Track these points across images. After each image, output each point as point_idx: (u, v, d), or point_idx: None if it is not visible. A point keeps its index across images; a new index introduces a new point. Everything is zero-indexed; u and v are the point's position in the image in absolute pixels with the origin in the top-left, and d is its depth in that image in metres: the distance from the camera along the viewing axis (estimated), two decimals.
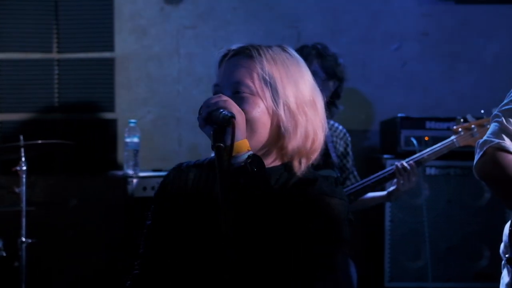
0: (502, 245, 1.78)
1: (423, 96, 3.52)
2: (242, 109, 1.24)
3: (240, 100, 1.27)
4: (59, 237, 3.39)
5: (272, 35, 3.57)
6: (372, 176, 2.45)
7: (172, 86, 3.51)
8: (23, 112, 3.56)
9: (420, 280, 2.95)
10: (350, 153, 2.62)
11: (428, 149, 2.44)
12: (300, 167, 1.30)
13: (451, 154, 2.98)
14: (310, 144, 1.30)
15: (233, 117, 1.16)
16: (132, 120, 3.12)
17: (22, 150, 2.89)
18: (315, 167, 2.41)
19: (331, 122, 2.63)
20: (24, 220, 2.88)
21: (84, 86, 3.57)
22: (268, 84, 1.28)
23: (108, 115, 3.56)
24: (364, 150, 3.47)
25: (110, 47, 3.55)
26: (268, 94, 1.28)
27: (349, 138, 2.64)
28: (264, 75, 1.29)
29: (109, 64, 3.56)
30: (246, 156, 1.18)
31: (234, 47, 1.34)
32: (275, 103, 1.27)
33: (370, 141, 3.50)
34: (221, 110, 1.18)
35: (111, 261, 3.10)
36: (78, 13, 3.56)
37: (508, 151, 1.67)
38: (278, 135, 1.28)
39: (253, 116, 1.25)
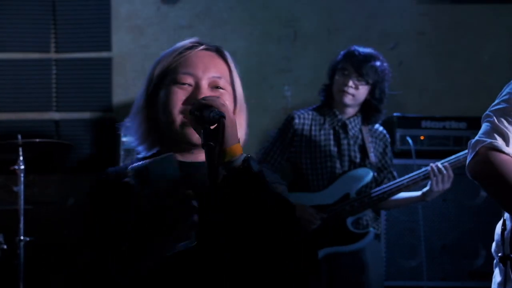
0: (494, 244, 1.80)
1: (419, 95, 3.52)
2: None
3: (219, 95, 1.28)
4: (56, 235, 3.40)
5: (268, 35, 3.58)
6: (406, 177, 2.51)
7: None
8: (21, 111, 3.57)
9: (416, 278, 2.95)
10: (389, 154, 2.66)
11: (463, 152, 2.45)
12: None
13: (446, 153, 3.00)
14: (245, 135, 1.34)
15: (223, 117, 1.15)
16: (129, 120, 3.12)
17: (20, 149, 2.90)
18: (351, 165, 2.49)
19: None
20: (22, 218, 2.90)
21: (81, 86, 3.58)
22: (232, 83, 1.33)
23: (106, 114, 3.57)
24: None
25: (107, 46, 3.56)
26: (231, 92, 1.33)
27: (389, 140, 2.68)
28: (231, 74, 1.33)
29: (107, 63, 3.57)
30: (242, 158, 1.18)
31: (197, 40, 1.36)
32: (234, 101, 1.33)
33: None
34: (212, 110, 1.17)
35: None
36: (76, 13, 3.57)
37: (500, 151, 1.68)
38: None
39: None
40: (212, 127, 1.16)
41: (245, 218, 1.18)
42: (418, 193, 2.52)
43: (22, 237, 2.88)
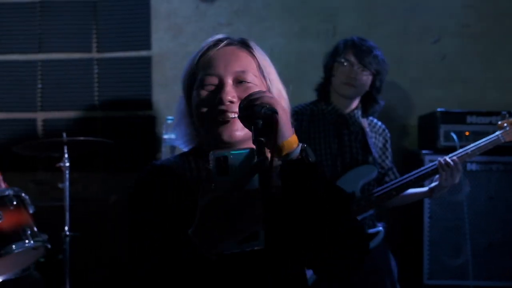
0: None
1: (463, 90, 3.43)
2: None
3: (246, 90, 1.26)
4: (100, 231, 3.47)
5: (307, 30, 3.55)
6: (414, 172, 2.41)
7: None
8: (65, 110, 3.66)
9: (460, 278, 2.88)
10: (389, 149, 2.59)
11: (471, 145, 2.39)
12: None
13: (493, 149, 2.91)
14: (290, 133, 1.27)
15: (275, 112, 1.13)
16: (170, 117, 3.16)
17: (65, 147, 2.97)
18: (354, 162, 2.41)
19: (370, 118, 2.59)
20: (67, 214, 2.97)
21: (122, 85, 3.64)
22: (263, 74, 1.31)
23: (146, 113, 3.62)
24: (403, 145, 3.42)
25: (147, 45, 3.61)
26: (264, 83, 1.31)
27: (388, 135, 2.61)
28: (261, 64, 1.30)
29: (146, 62, 3.61)
30: (299, 149, 1.17)
31: (221, 37, 1.34)
32: (270, 92, 1.28)
33: (409, 136, 3.44)
34: (264, 106, 1.15)
35: None
36: (116, 14, 3.63)
37: None
38: None
39: None
40: (263, 124, 1.14)
41: (305, 208, 1.16)
42: (425, 188, 2.43)
43: (67, 232, 2.95)
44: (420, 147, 3.21)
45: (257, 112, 1.14)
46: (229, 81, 1.28)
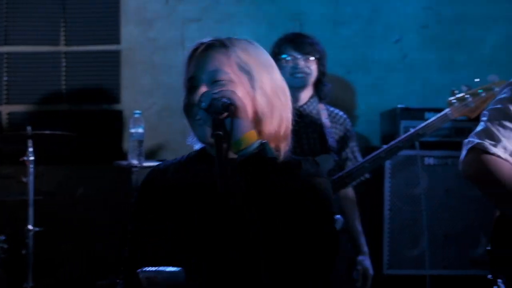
0: None
1: (422, 87, 3.57)
2: None
3: (219, 87, 1.28)
4: (65, 226, 3.47)
5: (275, 28, 3.61)
6: (366, 158, 2.49)
7: (177, 78, 3.53)
8: (31, 103, 3.64)
9: (418, 267, 3.01)
10: (352, 137, 2.62)
11: (422, 124, 2.47)
12: (281, 151, 1.32)
13: (450, 144, 3.06)
14: (284, 129, 1.32)
15: (232, 104, 1.18)
16: (137, 111, 3.19)
17: (30, 140, 2.96)
18: (311, 152, 2.46)
19: (331, 108, 2.63)
20: (31, 209, 2.96)
21: (90, 78, 3.64)
22: (244, 71, 1.31)
23: (114, 107, 3.63)
24: (365, 140, 3.53)
25: (116, 39, 3.62)
26: (245, 80, 1.30)
27: (350, 124, 2.64)
28: (240, 62, 1.31)
29: (115, 56, 3.62)
30: (257, 144, 1.20)
31: (205, 40, 1.36)
32: (252, 88, 1.30)
33: (371, 131, 3.56)
34: (222, 99, 1.20)
35: (115, 249, 3.17)
36: (85, 7, 3.62)
37: (487, 152, 1.75)
38: (255, 120, 1.28)
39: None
40: (221, 117, 1.19)
41: (266, 206, 1.19)
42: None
43: (31, 227, 2.93)
44: (382, 143, 3.33)
45: (215, 106, 1.19)
46: (203, 82, 1.31)
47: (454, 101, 2.43)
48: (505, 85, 1.90)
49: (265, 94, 1.31)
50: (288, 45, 2.52)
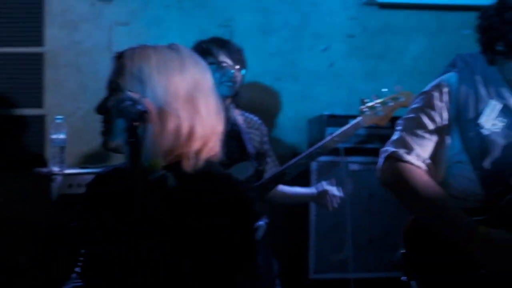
0: None
1: (348, 95, 3.66)
2: None
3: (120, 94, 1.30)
4: None
5: (205, 34, 3.57)
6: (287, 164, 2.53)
7: (103, 83, 3.45)
8: None
9: (343, 271, 3.08)
10: (267, 143, 2.65)
11: (338, 131, 2.57)
12: (190, 164, 1.30)
13: (374, 150, 3.15)
14: (185, 140, 1.29)
15: (146, 112, 1.18)
16: (59, 116, 3.09)
17: None
18: (230, 160, 2.48)
19: (246, 114, 2.64)
20: None
21: (11, 81, 3.49)
22: (136, 78, 1.30)
23: (36, 111, 3.49)
24: (293, 147, 3.59)
25: (39, 41, 3.49)
26: (136, 88, 1.28)
27: (265, 128, 2.66)
28: (133, 70, 1.30)
29: (38, 59, 3.49)
30: (159, 173, 1.24)
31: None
32: (143, 97, 1.27)
33: (299, 138, 3.62)
34: (135, 105, 1.20)
35: (35, 257, 3.06)
36: (6, 7, 3.48)
37: (402, 160, 1.84)
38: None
39: None
40: (135, 124, 1.19)
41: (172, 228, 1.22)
42: (311, 190, 2.58)
43: None
44: (309, 148, 3.39)
45: (127, 111, 1.21)
46: (107, 92, 1.35)
47: (366, 110, 2.56)
48: (418, 95, 1.99)
49: (157, 103, 1.28)
50: (220, 51, 2.52)
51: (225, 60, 2.51)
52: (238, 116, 2.60)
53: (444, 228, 1.81)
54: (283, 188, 2.60)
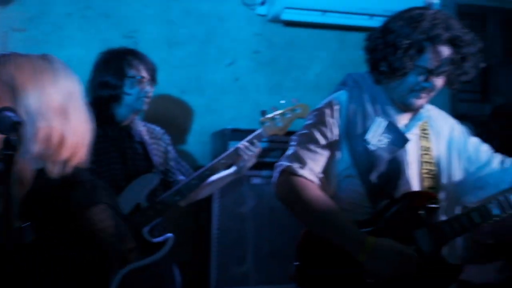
0: None
1: (253, 109, 3.71)
2: None
3: None
4: None
5: (108, 44, 3.52)
6: (197, 172, 2.54)
7: None
8: None
9: (244, 284, 3.10)
10: (172, 151, 2.65)
11: (243, 140, 2.63)
12: (55, 170, 1.33)
13: (275, 164, 3.21)
14: (55, 148, 1.32)
15: (19, 123, 1.15)
16: None
17: None
18: (136, 172, 2.44)
19: (148, 125, 2.63)
20: None
21: None
22: (8, 87, 1.30)
23: None
24: (197, 161, 3.58)
25: None
26: (7, 96, 1.29)
27: (168, 137, 2.66)
28: (6, 78, 1.30)
29: None
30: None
31: None
32: (14, 105, 1.28)
33: (203, 151, 3.61)
34: (8, 114, 1.17)
35: None
36: None
37: (296, 174, 1.89)
38: None
39: None
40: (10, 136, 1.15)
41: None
42: (232, 169, 2.62)
43: None
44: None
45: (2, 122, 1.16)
46: None
47: (266, 121, 2.63)
48: (311, 111, 2.06)
49: (28, 112, 1.29)
50: (141, 66, 2.50)
51: (145, 75, 2.50)
52: (142, 127, 2.57)
53: (336, 240, 1.87)
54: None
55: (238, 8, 3.70)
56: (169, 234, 2.47)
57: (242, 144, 2.61)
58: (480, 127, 3.20)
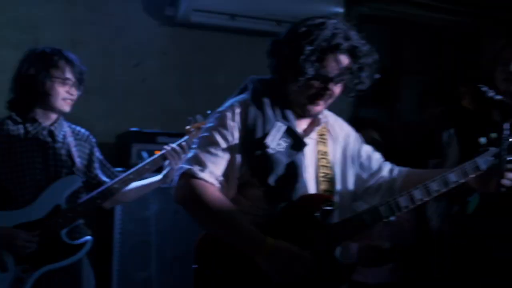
0: None
1: (161, 112, 3.67)
2: None
3: None
4: None
5: (5, 40, 3.37)
6: (134, 168, 2.53)
7: None
8: None
9: None
10: (97, 153, 2.63)
11: (173, 144, 2.59)
12: None
13: None
14: None
15: None
16: None
17: None
18: (59, 173, 2.39)
19: (73, 126, 2.61)
20: None
21: None
22: None
23: None
24: None
25: None
26: None
27: (94, 140, 2.64)
28: None
29: None
30: None
31: None
32: None
33: (108, 153, 3.51)
34: None
35: None
36: None
37: (196, 177, 1.88)
38: None
39: None
40: None
41: None
42: (159, 176, 2.59)
43: None
44: (115, 165, 3.30)
45: None
46: None
47: (192, 129, 2.61)
48: (213, 114, 2.06)
49: None
50: (66, 65, 2.47)
51: (70, 77, 2.48)
52: (67, 128, 2.55)
53: (236, 242, 1.88)
54: (132, 185, 2.57)
55: (146, 8, 3.65)
56: (88, 237, 2.46)
57: (169, 149, 2.56)
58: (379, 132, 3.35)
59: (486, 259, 2.41)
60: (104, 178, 2.60)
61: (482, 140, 1.94)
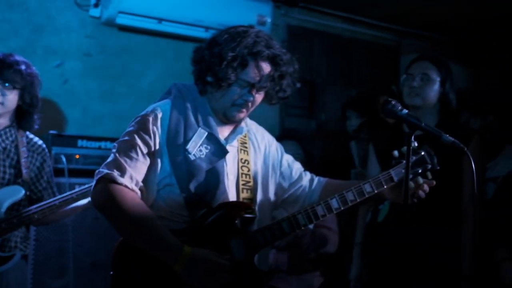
0: None
1: (82, 115, 3.56)
2: None
3: None
4: None
5: None
6: (59, 196, 2.45)
7: None
8: None
9: None
10: (47, 169, 2.56)
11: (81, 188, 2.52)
12: None
13: None
14: None
15: None
16: None
17: None
18: (2, 181, 2.27)
19: (30, 136, 2.54)
20: None
21: None
22: None
23: None
24: None
25: None
26: None
27: (47, 154, 2.58)
28: None
29: None
30: None
31: None
32: None
33: None
34: None
35: None
36: None
37: (115, 182, 1.84)
38: None
39: None
40: None
41: None
42: (84, 201, 2.53)
43: None
44: None
45: None
46: None
47: None
48: (135, 118, 2.03)
49: None
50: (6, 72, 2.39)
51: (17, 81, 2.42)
52: (22, 138, 2.47)
53: (153, 250, 1.84)
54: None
55: (70, 7, 3.54)
56: (17, 250, 2.43)
57: None
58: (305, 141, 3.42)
59: (396, 267, 2.51)
60: (46, 196, 2.54)
61: (395, 153, 2.02)
